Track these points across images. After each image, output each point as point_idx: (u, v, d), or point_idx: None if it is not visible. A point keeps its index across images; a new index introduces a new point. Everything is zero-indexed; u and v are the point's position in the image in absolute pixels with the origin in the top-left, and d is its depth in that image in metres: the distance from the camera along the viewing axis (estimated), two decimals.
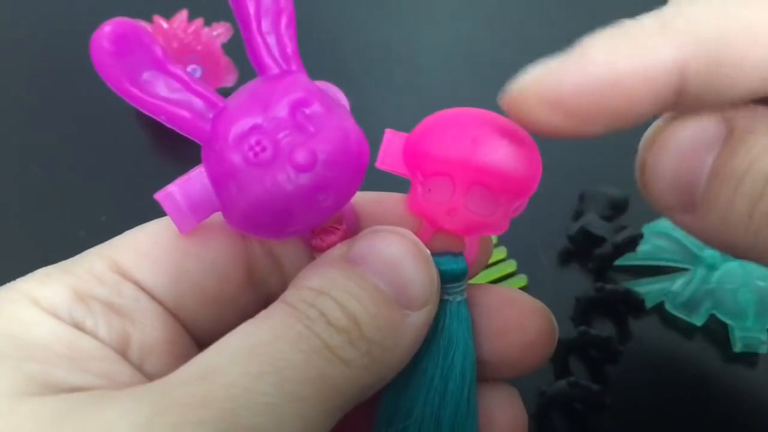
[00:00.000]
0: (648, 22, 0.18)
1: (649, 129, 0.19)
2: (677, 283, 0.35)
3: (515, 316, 0.21)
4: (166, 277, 0.20)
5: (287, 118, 0.18)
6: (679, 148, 0.18)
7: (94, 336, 0.18)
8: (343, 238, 0.20)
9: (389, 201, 0.21)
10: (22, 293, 0.18)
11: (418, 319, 0.19)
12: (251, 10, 0.19)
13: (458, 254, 0.20)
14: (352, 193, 0.19)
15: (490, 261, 0.35)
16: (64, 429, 0.15)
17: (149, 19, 0.40)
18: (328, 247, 0.20)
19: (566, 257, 0.37)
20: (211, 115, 0.18)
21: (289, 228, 0.19)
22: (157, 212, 0.20)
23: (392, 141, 0.20)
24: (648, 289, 0.35)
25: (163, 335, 0.20)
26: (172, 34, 0.40)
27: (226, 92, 0.47)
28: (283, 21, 0.19)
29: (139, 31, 0.18)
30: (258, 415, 0.15)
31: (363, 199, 0.21)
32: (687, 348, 0.34)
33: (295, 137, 0.18)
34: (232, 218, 0.19)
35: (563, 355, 0.33)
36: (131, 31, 0.17)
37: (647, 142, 0.19)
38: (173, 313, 0.20)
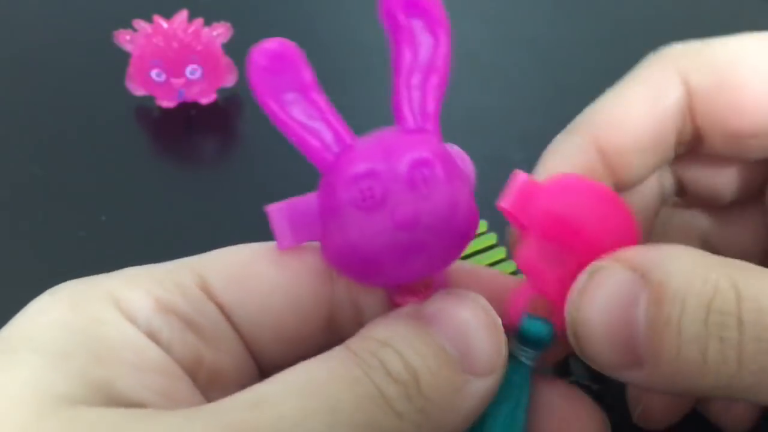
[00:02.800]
0: None
1: (571, 291, 0.18)
2: None
3: (573, 415, 0.21)
4: (250, 307, 0.20)
5: (405, 173, 0.18)
6: (605, 306, 0.17)
7: (167, 350, 0.18)
8: None
9: (485, 276, 0.21)
10: (106, 291, 0.18)
11: (481, 387, 0.18)
12: (407, 59, 0.19)
13: (550, 324, 0.20)
14: (448, 264, 0.19)
15: (489, 259, 0.35)
16: None
17: (149, 19, 0.40)
18: None
19: None
20: (336, 149, 0.19)
21: (376, 278, 0.19)
22: (157, 212, 0.20)
23: (524, 187, 0.20)
24: None
25: (233, 362, 0.19)
26: (172, 34, 0.40)
27: (226, 92, 0.47)
28: (434, 80, 0.19)
29: (296, 54, 0.18)
30: None
31: (458, 268, 0.21)
32: None
33: (406, 194, 0.18)
34: (326, 251, 0.19)
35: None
36: (290, 52, 0.18)
37: (573, 305, 0.18)
38: (247, 343, 0.20)
